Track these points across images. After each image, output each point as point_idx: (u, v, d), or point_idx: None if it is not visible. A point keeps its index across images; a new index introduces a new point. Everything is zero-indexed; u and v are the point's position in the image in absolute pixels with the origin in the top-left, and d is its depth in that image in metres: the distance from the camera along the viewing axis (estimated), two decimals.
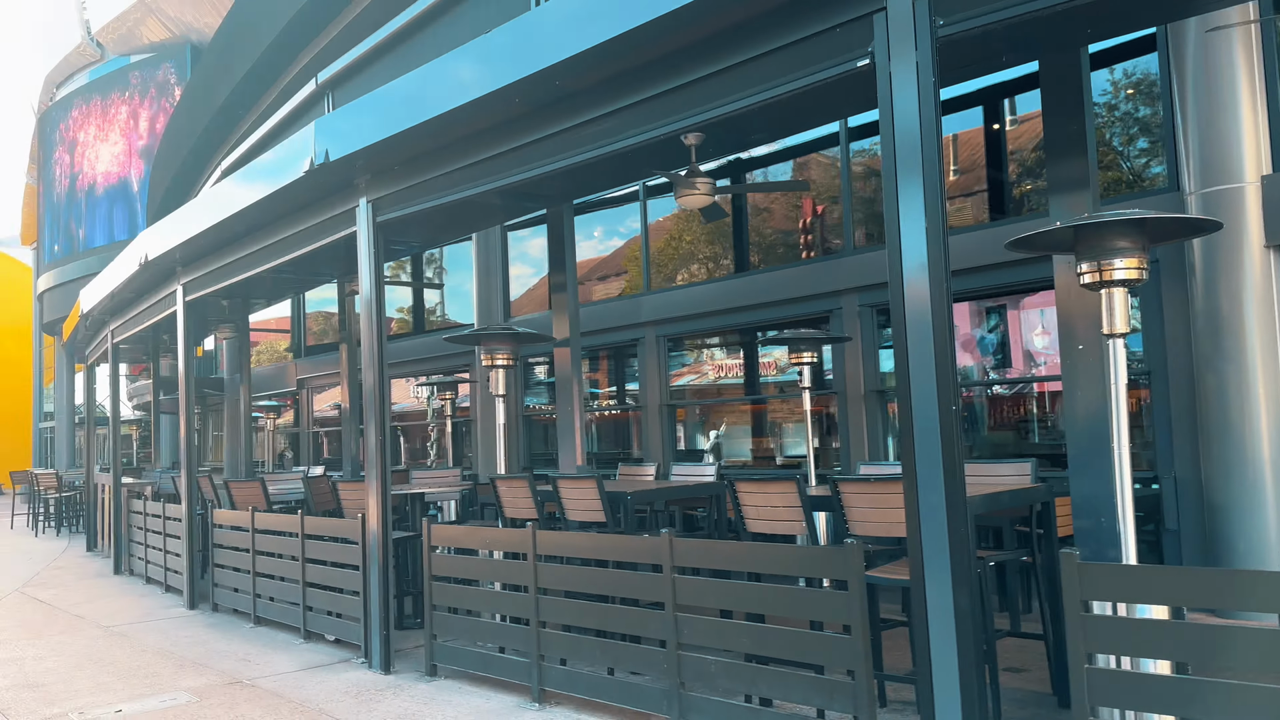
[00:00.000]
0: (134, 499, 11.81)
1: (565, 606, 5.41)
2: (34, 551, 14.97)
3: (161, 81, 26.79)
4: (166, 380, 16.63)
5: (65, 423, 32.26)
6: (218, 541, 8.88)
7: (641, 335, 11.28)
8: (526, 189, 6.68)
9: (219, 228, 8.04)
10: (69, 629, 8.37)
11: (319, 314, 18.55)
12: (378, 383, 6.56)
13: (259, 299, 12.35)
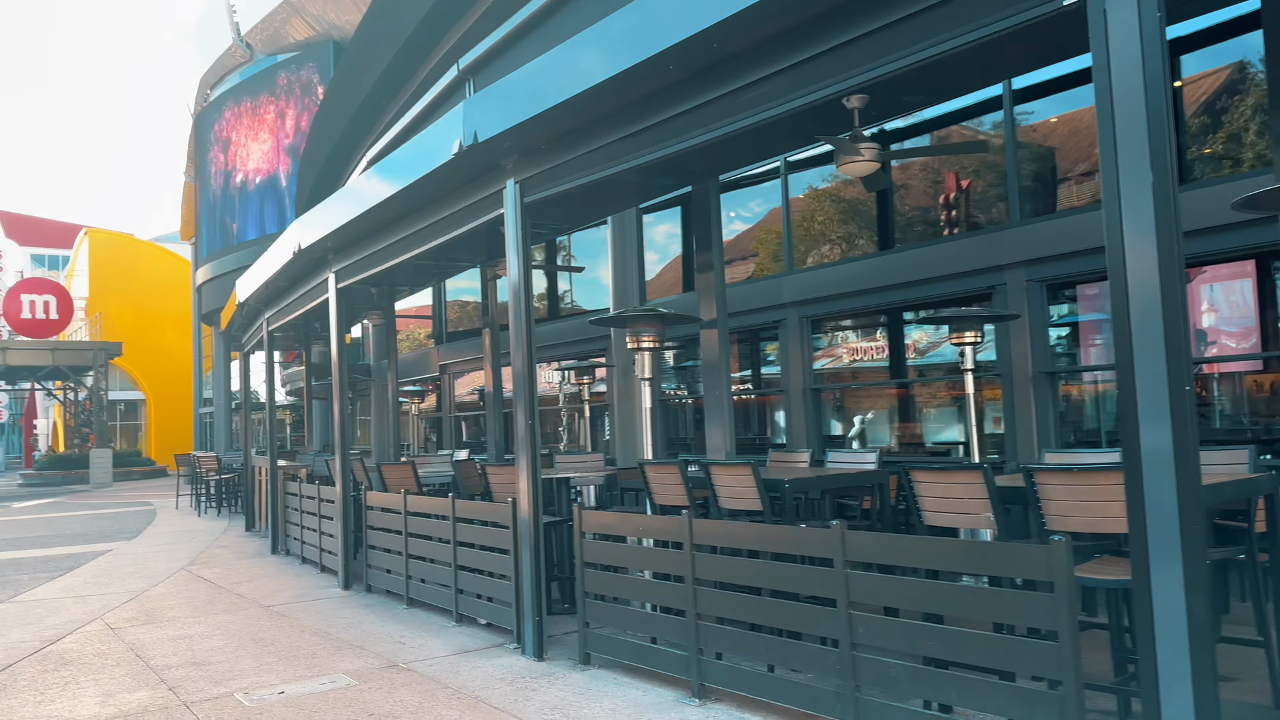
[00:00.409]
0: (289, 481, 12.25)
1: (726, 599, 5.16)
2: (197, 531, 15.80)
3: (305, 81, 27.85)
4: (318, 366, 17.27)
5: (223, 408, 34.17)
6: (370, 523, 9.05)
7: (783, 317, 10.91)
8: (674, 164, 6.43)
9: (369, 215, 8.13)
10: (231, 607, 8.68)
11: (455, 302, 18.89)
12: (526, 366, 6.45)
13: (404, 286, 12.58)
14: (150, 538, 15.03)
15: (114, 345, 35.46)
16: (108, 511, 20.68)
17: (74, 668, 6.57)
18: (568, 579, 7.78)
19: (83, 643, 7.39)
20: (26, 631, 7.90)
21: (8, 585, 10.57)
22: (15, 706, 5.64)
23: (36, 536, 15.93)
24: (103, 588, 10.16)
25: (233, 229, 30.88)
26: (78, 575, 11.20)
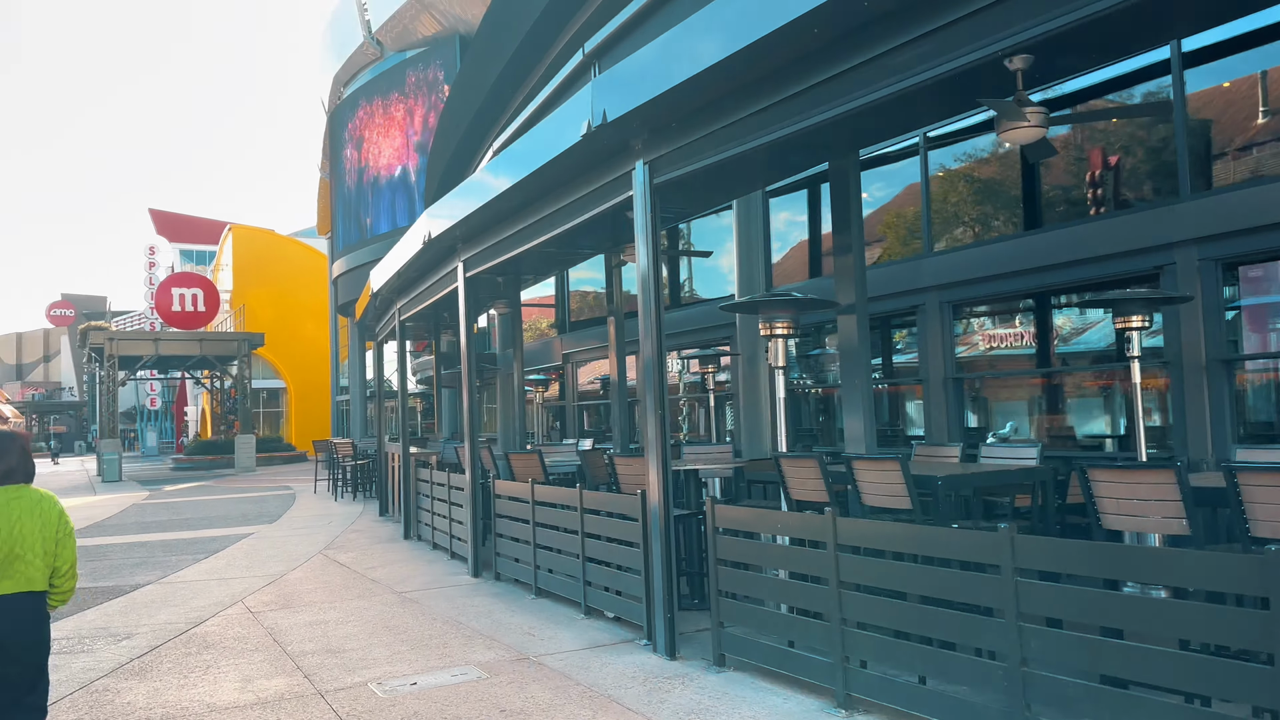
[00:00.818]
0: (420, 468, 12.43)
1: (873, 604, 4.80)
2: (334, 515, 16.30)
3: (431, 79, 28.43)
4: (446, 356, 17.56)
5: (358, 396, 35.41)
6: (499, 511, 9.02)
7: (921, 301, 10.33)
8: (811, 139, 6.07)
9: (495, 203, 8.05)
10: (365, 593, 8.79)
11: (576, 292, 18.88)
12: (656, 354, 6.22)
13: (529, 275, 12.58)
14: (289, 521, 15.58)
15: (257, 336, 37.24)
16: (250, 496, 21.64)
17: (215, 651, 6.72)
18: (696, 574, 7.54)
19: (224, 626, 7.59)
20: (173, 613, 8.19)
21: (158, 566, 11.06)
22: (160, 689, 5.78)
23: (185, 519, 16.76)
24: (244, 570, 10.51)
25: (366, 223, 31.88)
26: (221, 558, 11.65)
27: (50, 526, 3.89)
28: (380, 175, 31.06)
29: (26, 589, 3.78)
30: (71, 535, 4.01)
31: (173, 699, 5.55)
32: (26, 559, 3.79)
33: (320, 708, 5.27)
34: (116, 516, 17.68)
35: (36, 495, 3.95)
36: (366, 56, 31.27)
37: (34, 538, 3.82)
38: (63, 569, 3.93)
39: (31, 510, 3.86)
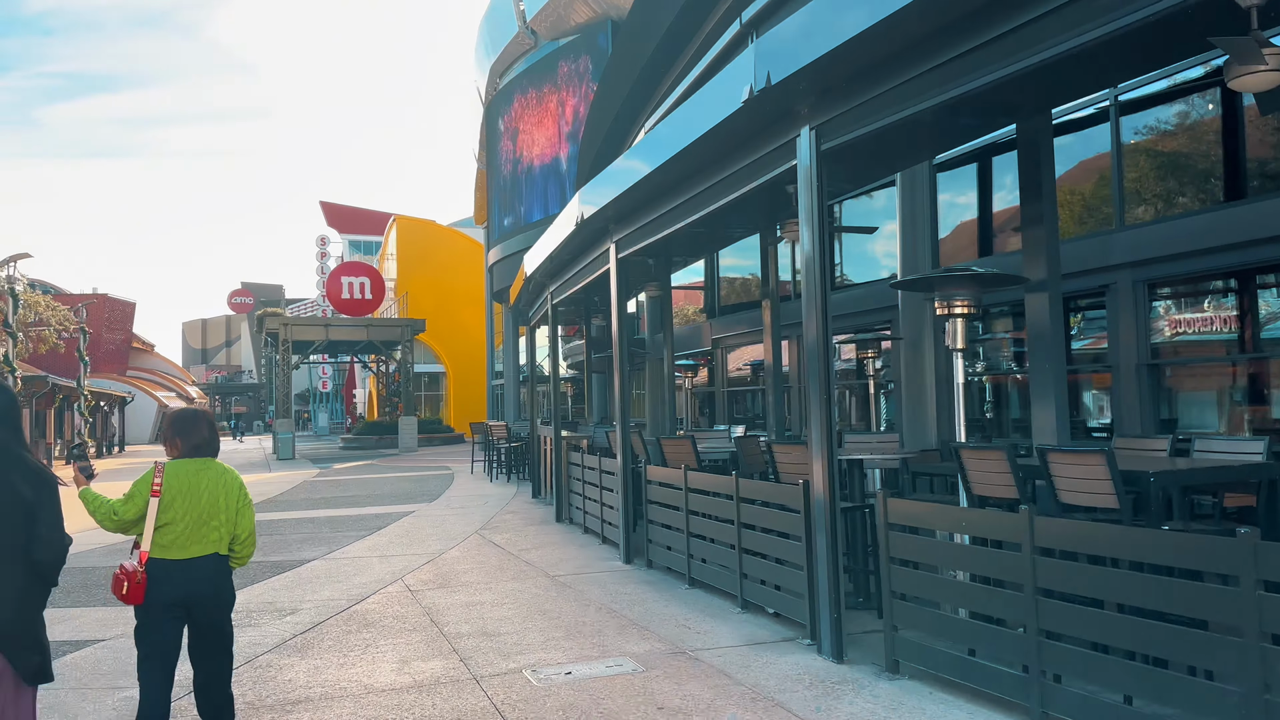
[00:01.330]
0: (572, 452, 12.39)
1: (1074, 614, 4.25)
2: (489, 496, 16.58)
3: (582, 70, 28.60)
4: (596, 341, 17.55)
5: (512, 380, 36.25)
6: (651, 498, 8.81)
7: (1110, 281, 9.44)
8: (994, 97, 5.52)
9: (649, 180, 7.79)
10: (519, 575, 8.76)
11: (725, 278, 18.48)
12: (821, 336, 5.79)
13: (680, 257, 12.31)
14: (447, 501, 15.95)
15: (419, 322, 38.68)
16: (411, 475, 22.40)
17: (374, 630, 6.78)
18: (861, 571, 7.08)
19: (384, 604, 7.68)
20: (336, 589, 8.37)
21: (324, 542, 11.45)
22: (321, 667, 5.83)
23: (351, 496, 17.45)
24: (404, 548, 10.73)
25: (520, 211, 32.49)
26: (383, 535, 11.96)
27: (232, 496, 4.22)
28: (533, 164, 31.54)
29: (214, 551, 4.13)
30: (250, 505, 4.31)
31: (332, 678, 5.58)
32: (213, 524, 4.13)
33: (475, 694, 5.16)
34: (288, 493, 18.61)
35: (221, 468, 4.28)
36: (521, 47, 31.76)
37: (219, 506, 4.16)
38: (242, 535, 4.25)
39: (217, 481, 4.21)
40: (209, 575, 4.10)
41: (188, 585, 4.06)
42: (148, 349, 74.41)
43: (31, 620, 3.31)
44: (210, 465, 4.27)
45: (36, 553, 3.27)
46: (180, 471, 4.16)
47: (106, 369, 60.36)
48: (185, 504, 4.09)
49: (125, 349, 65.88)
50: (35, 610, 3.34)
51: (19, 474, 3.32)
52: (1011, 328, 11.41)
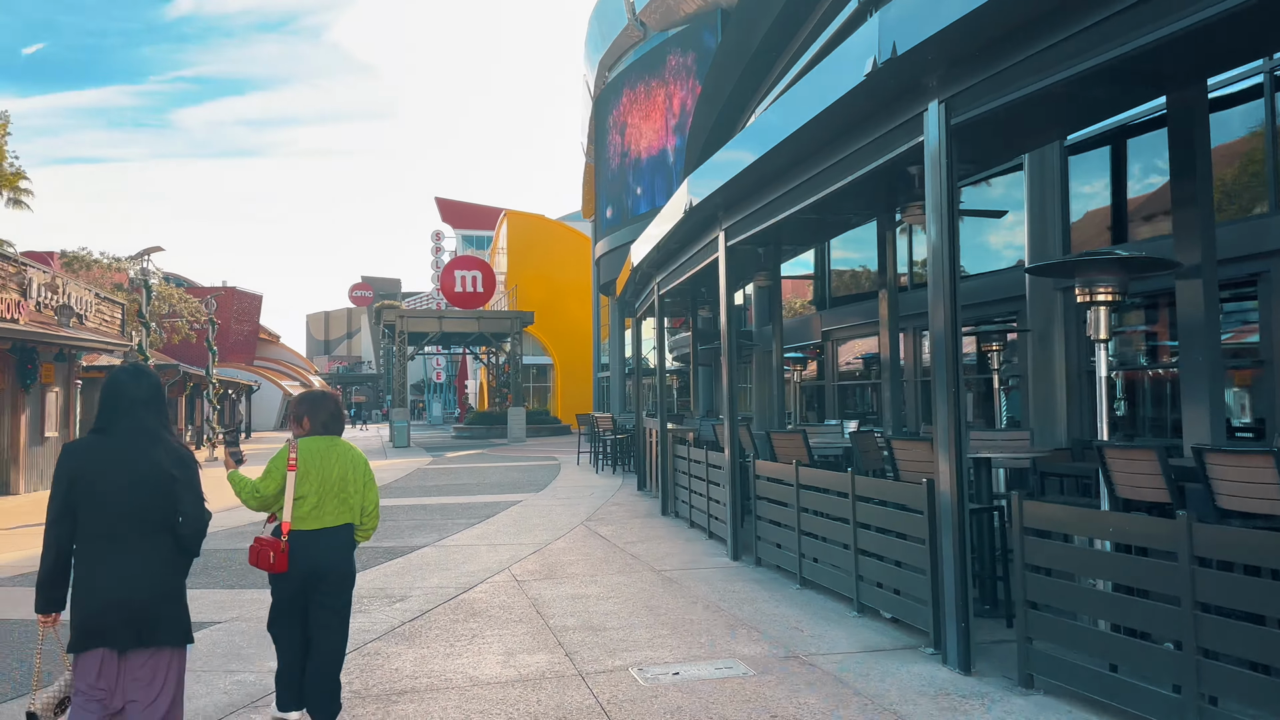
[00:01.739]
0: (678, 445, 12.20)
1: (1240, 632, 3.81)
2: (595, 487, 16.55)
3: (690, 64, 28.35)
4: (703, 333, 17.31)
5: (617, 372, 36.35)
6: (759, 493, 8.53)
7: (1264, 269, 8.65)
8: (1145, 64, 5.04)
9: (762, 163, 7.50)
10: (625, 568, 8.61)
11: (835, 269, 17.95)
12: (949, 324, 5.42)
13: (792, 245, 11.96)
14: (554, 491, 15.99)
15: (527, 315, 39.21)
16: (520, 465, 22.63)
17: (481, 620, 6.72)
18: (986, 576, 6.65)
19: (490, 593, 7.64)
20: (444, 577, 8.39)
21: (435, 530, 11.57)
22: (427, 656, 5.79)
23: (461, 485, 17.70)
24: (511, 538, 10.74)
25: (626, 204, 32.48)
26: (492, 524, 12.03)
27: (359, 471, 4.56)
28: (640, 157, 31.47)
29: (347, 521, 4.49)
30: (374, 481, 4.64)
31: (438, 668, 5.52)
32: (343, 497, 4.47)
33: (580, 691, 5.02)
34: (403, 480, 19.01)
35: (346, 445, 4.62)
36: (630, 39, 31.70)
37: (349, 479, 4.50)
38: (369, 509, 4.59)
39: (345, 457, 4.55)
40: (340, 545, 4.43)
41: (320, 554, 4.37)
42: (273, 340, 77.86)
43: (178, 586, 3.55)
44: (337, 443, 4.59)
45: (180, 526, 3.49)
46: (312, 447, 4.49)
47: (235, 359, 63.35)
48: (318, 477, 4.42)
49: (253, 339, 69.03)
50: (180, 578, 3.58)
51: (164, 453, 3.52)
52: (1144, 320, 10.65)
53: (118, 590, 3.35)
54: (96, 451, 3.46)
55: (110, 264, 50.10)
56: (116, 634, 3.35)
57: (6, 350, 17.42)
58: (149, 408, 3.57)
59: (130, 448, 3.47)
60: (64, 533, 3.38)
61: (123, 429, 3.50)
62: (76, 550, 3.40)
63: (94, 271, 49.55)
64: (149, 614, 3.40)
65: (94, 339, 21.06)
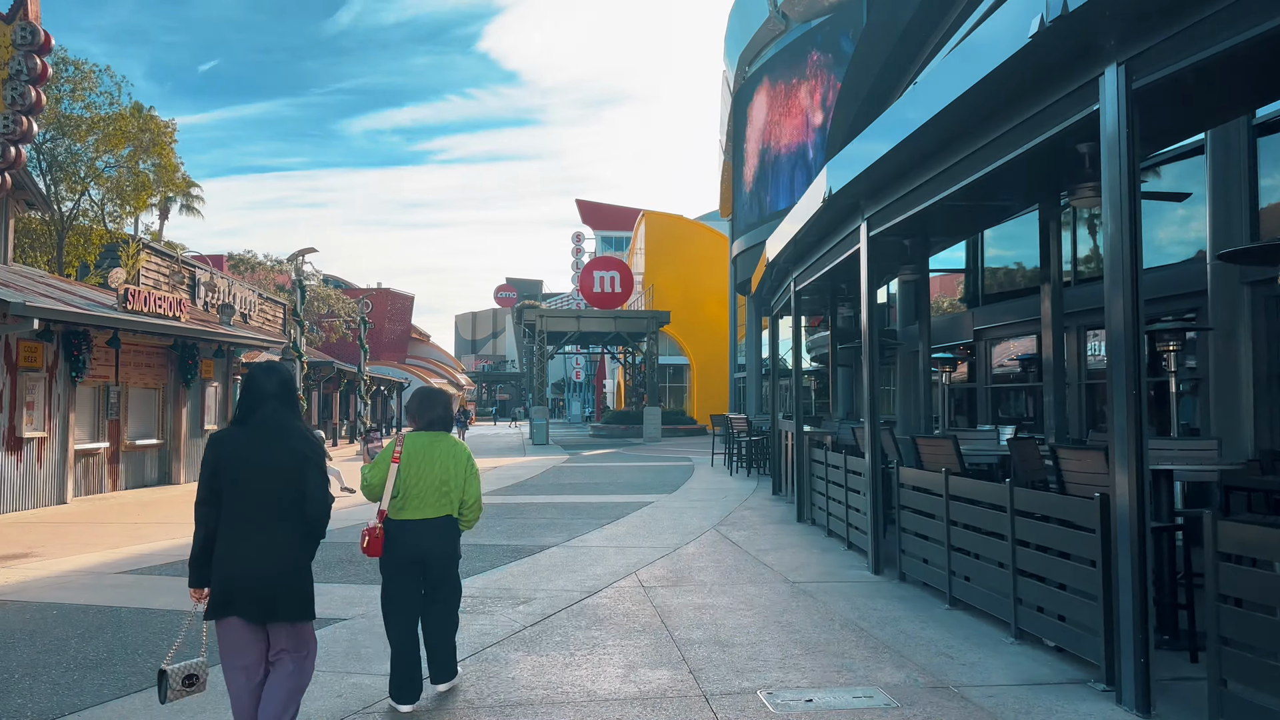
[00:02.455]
0: (815, 448, 11.64)
1: None
2: (728, 490, 16.11)
3: (830, 62, 27.51)
4: (842, 331, 16.59)
5: (754, 373, 35.72)
6: (904, 503, 7.92)
7: None
8: None
9: (909, 143, 6.91)
10: (756, 578, 8.16)
11: (989, 265, 16.85)
12: (1130, 320, 4.74)
13: (940, 236, 11.17)
14: (686, 493, 15.65)
15: (663, 314, 39.11)
16: (653, 465, 22.43)
17: (603, 628, 6.43)
18: (1166, 604, 5.87)
19: (615, 599, 7.35)
20: (570, 579, 8.16)
21: (564, 529, 11.42)
22: (545, 666, 5.52)
23: (595, 484, 17.60)
24: (641, 540, 10.45)
25: (765, 201, 31.84)
26: (621, 525, 11.78)
27: (460, 466, 4.80)
28: (779, 153, 30.77)
29: (447, 513, 4.76)
30: (476, 476, 4.89)
31: (555, 679, 5.24)
32: (444, 490, 4.73)
33: (703, 715, 4.63)
34: (537, 478, 19.11)
35: (452, 441, 4.89)
36: (771, 32, 31.07)
37: (450, 474, 4.76)
38: (469, 502, 4.84)
39: (449, 452, 4.80)
40: (440, 534, 4.70)
41: (420, 543, 4.67)
42: (424, 338, 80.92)
43: (303, 564, 3.82)
44: (443, 438, 4.86)
45: (306, 508, 3.77)
46: (417, 442, 4.77)
47: (388, 356, 66.12)
48: (420, 471, 4.69)
49: (405, 338, 71.90)
50: (306, 556, 3.85)
51: (294, 441, 3.81)
52: None
53: (247, 565, 3.68)
54: (235, 441, 3.80)
55: (273, 266, 53.17)
56: (245, 605, 3.69)
57: (169, 347, 18.48)
58: (279, 400, 3.87)
59: (263, 437, 3.79)
60: (210, 514, 3.75)
61: (256, 420, 3.82)
62: (219, 530, 3.73)
63: (258, 273, 52.72)
64: (275, 588, 3.71)
65: (249, 336, 22.15)
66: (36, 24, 14.74)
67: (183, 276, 26.39)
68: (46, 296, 14.62)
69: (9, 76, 14.61)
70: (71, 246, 22.28)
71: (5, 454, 13.55)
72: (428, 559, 4.70)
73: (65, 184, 21.71)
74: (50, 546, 10.53)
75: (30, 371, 14.05)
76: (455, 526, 4.80)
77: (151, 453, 18.29)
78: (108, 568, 9.16)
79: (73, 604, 7.42)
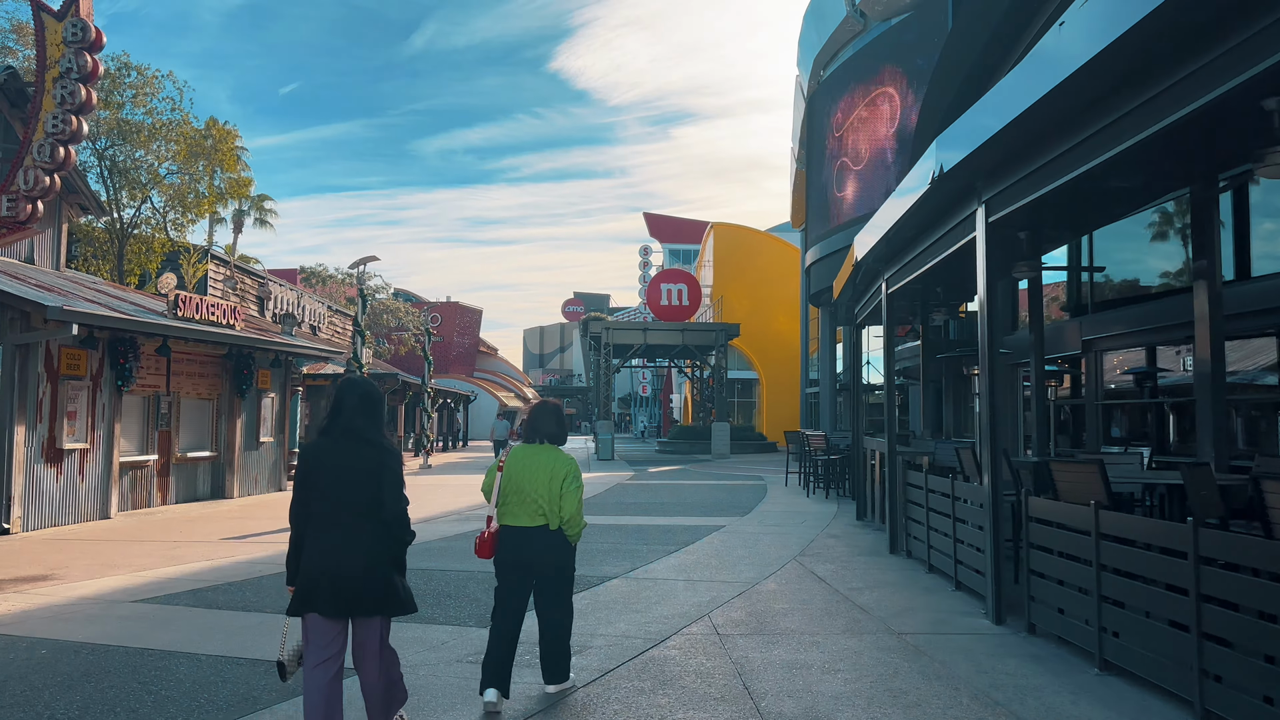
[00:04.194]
0: (911, 471, 10.31)
1: None
2: (806, 514, 14.79)
3: (911, 60, 26.06)
4: (932, 343, 15.18)
5: (828, 388, 34.17)
6: (1034, 541, 6.59)
7: None
8: None
9: (1042, 107, 5.64)
10: (853, 628, 6.88)
11: (1095, 272, 15.23)
12: None
13: (1061, 229, 9.76)
14: (760, 516, 14.38)
15: (733, 326, 37.79)
16: (724, 483, 21.16)
17: (671, 690, 5.24)
18: None
19: (686, 651, 6.15)
20: (633, 622, 7.00)
21: (628, 556, 10.28)
22: None
23: (661, 504, 16.42)
24: (713, 573, 9.25)
25: (842, 207, 30.39)
26: (691, 553, 10.59)
27: (557, 480, 4.91)
28: (858, 156, 29.32)
29: (543, 524, 4.90)
30: (575, 490, 4.95)
31: None
32: (539, 501, 4.88)
33: None
34: (601, 495, 18.01)
35: (555, 454, 5.01)
36: (849, 32, 29.75)
37: (545, 486, 4.89)
38: (566, 516, 4.93)
39: (549, 465, 4.94)
40: (539, 543, 4.88)
41: (521, 549, 4.89)
42: (491, 352, 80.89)
43: (384, 565, 3.98)
44: (546, 450, 5.03)
45: (383, 512, 3.98)
46: (520, 454, 5.00)
47: (456, 370, 66.00)
48: (516, 481, 4.90)
49: (473, 352, 71.81)
50: (385, 555, 4.00)
51: (373, 450, 4.03)
52: None
53: (328, 565, 3.90)
54: (319, 450, 4.06)
55: (344, 279, 53.40)
56: (324, 602, 3.89)
57: (223, 356, 17.88)
58: (359, 412, 4.10)
59: (344, 446, 4.04)
60: (301, 517, 4.01)
61: (339, 429, 4.07)
62: (307, 531, 3.98)
63: (329, 286, 52.99)
64: (354, 587, 3.90)
65: (307, 345, 21.53)
66: (88, 20, 14.26)
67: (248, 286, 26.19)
68: (92, 302, 14.05)
69: (59, 75, 14.13)
70: (133, 255, 21.99)
71: (44, 465, 12.95)
72: (531, 566, 4.92)
73: (127, 191, 21.43)
74: (74, 567, 9.76)
75: (73, 380, 13.46)
76: (557, 537, 4.94)
77: (204, 465, 17.69)
78: (124, 594, 8.30)
79: (67, 641, 6.53)
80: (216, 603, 7.91)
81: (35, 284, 13.71)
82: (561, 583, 5.03)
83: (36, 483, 12.78)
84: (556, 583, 5.01)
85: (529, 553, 4.87)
